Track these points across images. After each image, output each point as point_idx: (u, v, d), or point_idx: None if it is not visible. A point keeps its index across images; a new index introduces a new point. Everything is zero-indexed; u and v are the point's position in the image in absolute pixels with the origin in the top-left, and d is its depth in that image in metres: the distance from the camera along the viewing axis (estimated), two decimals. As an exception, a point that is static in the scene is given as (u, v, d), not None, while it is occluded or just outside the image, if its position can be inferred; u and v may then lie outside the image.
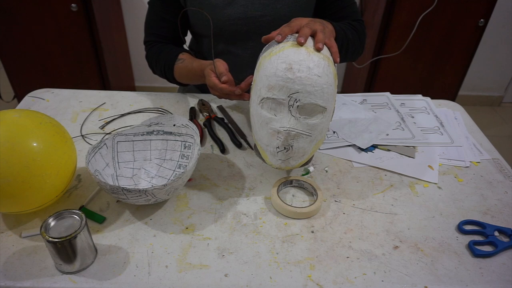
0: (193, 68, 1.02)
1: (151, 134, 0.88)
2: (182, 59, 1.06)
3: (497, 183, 0.90)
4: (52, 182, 0.71)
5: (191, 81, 1.09)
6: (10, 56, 2.07)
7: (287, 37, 0.79)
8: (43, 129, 0.71)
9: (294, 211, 0.78)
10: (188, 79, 1.08)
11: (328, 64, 0.75)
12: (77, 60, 2.09)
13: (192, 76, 1.04)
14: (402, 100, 1.17)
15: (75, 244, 0.64)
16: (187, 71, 1.05)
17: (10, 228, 0.74)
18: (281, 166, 0.80)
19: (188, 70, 1.04)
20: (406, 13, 1.94)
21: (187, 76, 1.07)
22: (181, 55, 1.07)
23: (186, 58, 1.06)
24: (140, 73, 2.66)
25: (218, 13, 1.04)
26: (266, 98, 0.76)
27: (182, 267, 0.69)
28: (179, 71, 1.07)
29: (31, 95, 1.14)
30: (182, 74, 1.07)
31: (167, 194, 0.75)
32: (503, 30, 2.47)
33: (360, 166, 0.93)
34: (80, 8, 1.90)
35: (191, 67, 1.03)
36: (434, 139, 1.02)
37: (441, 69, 2.16)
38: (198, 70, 0.99)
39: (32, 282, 0.65)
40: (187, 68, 1.05)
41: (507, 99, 2.84)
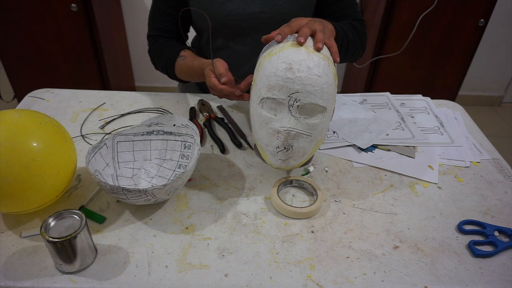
0: (194, 67, 1.02)
1: (151, 134, 0.88)
2: (184, 56, 1.06)
3: (497, 183, 0.90)
4: (52, 182, 0.71)
5: (191, 78, 1.09)
6: (10, 56, 2.07)
7: (287, 37, 0.79)
8: (43, 129, 0.71)
9: (294, 211, 0.78)
10: (189, 77, 1.09)
11: (328, 64, 0.75)
12: (77, 60, 2.09)
13: (193, 74, 1.04)
14: (402, 100, 1.17)
15: (75, 244, 0.64)
16: (188, 68, 1.05)
17: (10, 228, 0.74)
18: (281, 166, 0.80)
19: (189, 67, 1.04)
20: (406, 13, 1.94)
21: (187, 74, 1.07)
22: (183, 52, 1.07)
23: (188, 55, 1.06)
24: (140, 73, 2.66)
25: (218, 8, 1.04)
26: (266, 98, 0.76)
27: (182, 267, 0.69)
28: (180, 68, 1.08)
29: (31, 95, 1.14)
30: (182, 71, 1.08)
31: (167, 194, 0.75)
32: (503, 30, 2.47)
33: (360, 166, 0.93)
34: (80, 8, 1.90)
35: (192, 65, 1.03)
36: (434, 139, 1.02)
37: (441, 69, 2.16)
38: (199, 69, 1.00)
39: (32, 282, 0.65)
40: (188, 66, 1.05)
41: (507, 99, 2.84)
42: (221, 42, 1.12)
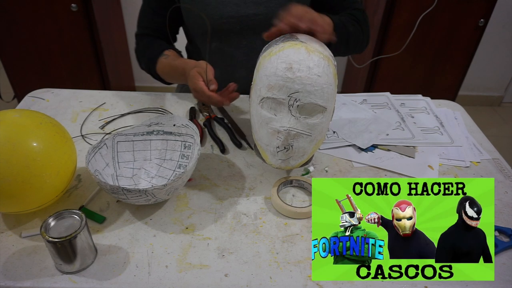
0: (175, 65, 1.00)
1: (151, 134, 0.88)
2: (167, 55, 1.05)
3: (497, 183, 0.90)
4: (52, 182, 0.71)
5: (171, 78, 1.07)
6: (10, 56, 2.07)
7: (286, 37, 0.79)
8: (43, 129, 0.71)
9: (294, 211, 0.78)
10: (169, 76, 1.07)
11: (328, 64, 0.75)
12: (77, 60, 2.09)
13: (173, 73, 1.02)
14: (402, 100, 1.17)
15: (75, 244, 0.64)
16: (169, 67, 1.03)
17: (10, 228, 0.74)
18: (281, 166, 0.80)
19: (170, 66, 1.03)
20: (406, 13, 1.94)
21: (168, 73, 1.06)
22: (167, 52, 1.06)
23: (171, 55, 1.05)
24: (140, 73, 2.66)
25: (211, 11, 1.03)
26: (266, 98, 0.76)
27: (182, 267, 0.69)
28: (162, 67, 1.06)
29: (31, 95, 1.14)
30: (164, 71, 1.06)
31: (167, 194, 0.75)
32: (503, 30, 2.47)
33: (360, 166, 0.93)
34: (80, 8, 1.91)
35: (173, 63, 1.01)
36: (434, 139, 1.02)
37: (441, 69, 2.16)
38: (180, 68, 0.98)
39: (32, 282, 0.65)
40: (169, 65, 1.03)
41: (507, 99, 2.84)
42: (215, 46, 1.11)
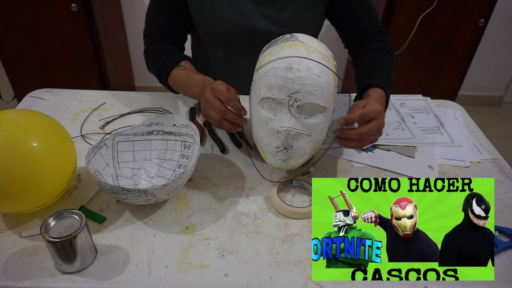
0: (194, 78, 0.97)
1: (151, 134, 0.88)
2: (184, 67, 1.02)
3: (497, 183, 0.90)
4: (52, 182, 0.71)
5: (182, 89, 1.03)
6: (10, 56, 2.07)
7: (287, 37, 0.79)
8: (43, 129, 0.71)
9: (294, 211, 0.78)
10: (182, 87, 1.02)
11: (328, 64, 0.75)
12: (77, 60, 2.09)
13: (189, 85, 0.98)
14: (402, 100, 1.17)
15: (75, 244, 0.64)
16: (186, 79, 0.99)
17: (10, 228, 0.74)
18: (281, 166, 0.80)
19: (187, 79, 0.99)
20: (406, 13, 1.94)
21: (182, 84, 1.01)
22: (184, 63, 1.02)
23: (189, 67, 1.02)
24: (140, 73, 2.66)
25: (220, 19, 1.03)
26: (266, 98, 0.76)
27: (182, 267, 0.69)
28: (176, 77, 1.02)
29: (31, 95, 1.14)
30: (177, 81, 1.02)
31: (167, 194, 0.75)
32: (503, 30, 2.47)
33: (360, 166, 0.93)
34: (80, 8, 1.90)
35: (192, 76, 0.98)
36: (434, 139, 1.02)
37: (441, 69, 2.16)
38: (198, 81, 0.94)
39: (32, 282, 0.65)
40: (187, 77, 0.99)
41: (507, 99, 2.84)
42: (221, 53, 1.10)
